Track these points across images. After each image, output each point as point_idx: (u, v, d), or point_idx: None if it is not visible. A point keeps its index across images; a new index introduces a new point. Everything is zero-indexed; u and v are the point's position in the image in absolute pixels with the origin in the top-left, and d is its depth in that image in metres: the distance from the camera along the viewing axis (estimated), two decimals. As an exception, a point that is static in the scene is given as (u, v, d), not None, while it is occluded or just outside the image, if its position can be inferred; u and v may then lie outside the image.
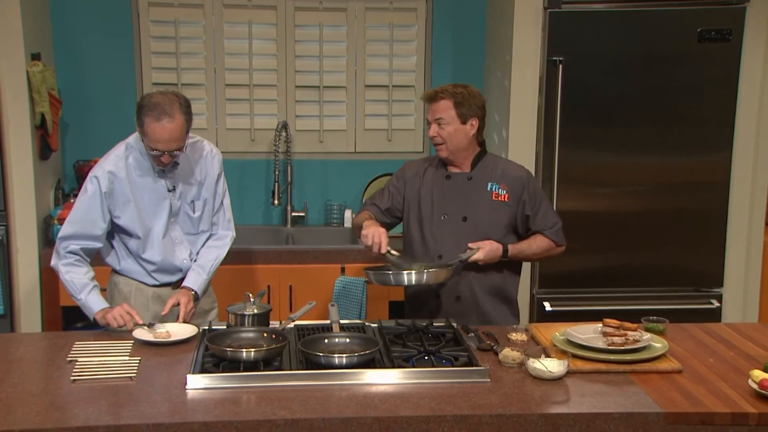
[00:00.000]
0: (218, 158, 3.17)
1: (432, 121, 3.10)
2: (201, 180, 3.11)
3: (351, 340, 2.70)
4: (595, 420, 2.24)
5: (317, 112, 4.71)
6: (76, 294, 2.95)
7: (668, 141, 4.11)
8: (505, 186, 3.13)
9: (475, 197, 3.13)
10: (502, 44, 4.33)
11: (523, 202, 3.14)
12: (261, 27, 4.60)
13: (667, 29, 4.03)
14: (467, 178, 3.16)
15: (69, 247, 2.98)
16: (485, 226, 3.11)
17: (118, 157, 3.01)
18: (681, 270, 4.22)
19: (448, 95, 3.07)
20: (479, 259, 3.03)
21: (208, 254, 3.16)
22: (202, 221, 3.14)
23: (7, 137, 3.90)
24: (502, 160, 3.28)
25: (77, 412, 2.20)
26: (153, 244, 3.04)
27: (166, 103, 2.82)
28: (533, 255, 3.20)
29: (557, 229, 3.20)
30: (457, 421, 2.23)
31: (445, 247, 3.10)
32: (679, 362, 2.57)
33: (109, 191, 2.96)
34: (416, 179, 3.22)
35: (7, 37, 3.84)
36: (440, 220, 3.14)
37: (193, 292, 3.05)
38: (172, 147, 2.86)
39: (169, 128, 2.81)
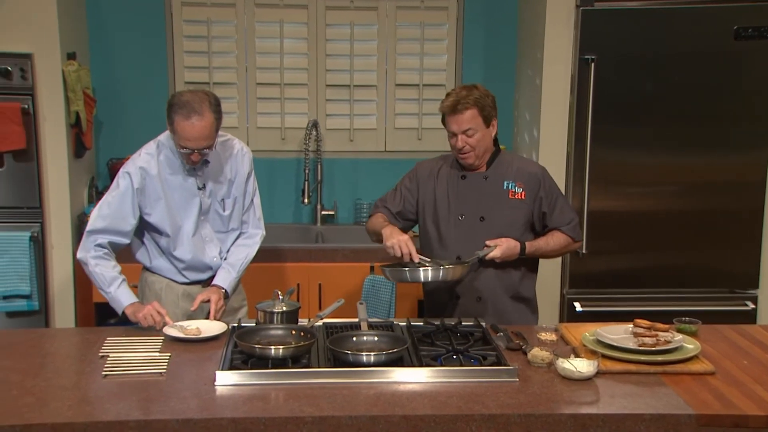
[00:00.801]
0: (248, 157, 3.18)
1: (459, 133, 3.02)
2: (231, 178, 3.12)
3: (379, 338, 2.70)
4: (625, 421, 2.22)
5: (348, 111, 4.72)
6: (105, 287, 2.97)
7: (702, 140, 4.06)
8: (521, 184, 3.10)
9: (491, 197, 3.10)
10: (533, 43, 4.30)
11: (539, 200, 3.11)
12: (292, 26, 4.62)
13: (703, 27, 3.98)
14: (483, 177, 3.12)
15: (97, 240, 2.99)
16: (503, 225, 3.08)
17: (150, 155, 3.03)
18: (715, 271, 4.17)
19: (471, 104, 2.99)
20: (496, 256, 3.00)
21: (238, 253, 3.17)
22: (232, 219, 3.16)
23: (43, 135, 3.96)
24: (516, 157, 3.26)
25: (108, 407, 2.22)
26: (183, 241, 3.07)
27: (196, 102, 2.83)
28: (550, 252, 3.16)
29: (574, 224, 3.16)
30: (485, 421, 2.21)
31: (463, 248, 3.06)
32: (711, 364, 2.53)
33: (140, 187, 2.99)
34: (431, 179, 3.19)
35: (43, 37, 3.90)
36: (457, 221, 3.11)
37: (223, 290, 3.07)
38: (201, 145, 2.88)
39: (199, 126, 2.83)
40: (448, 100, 3.04)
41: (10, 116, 3.80)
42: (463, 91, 3.03)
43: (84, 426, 2.12)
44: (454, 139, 3.05)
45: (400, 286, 4.09)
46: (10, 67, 3.84)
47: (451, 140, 3.07)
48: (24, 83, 3.87)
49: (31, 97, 3.89)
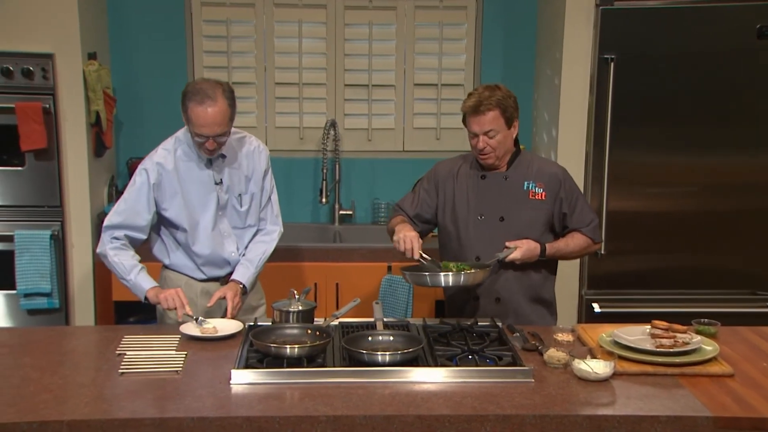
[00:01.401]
0: (265, 153, 3.20)
1: (480, 134, 3.00)
2: (248, 174, 3.14)
3: (394, 338, 2.70)
4: (641, 423, 2.20)
5: (366, 111, 4.72)
6: (125, 275, 3.00)
7: (723, 140, 4.02)
8: (541, 184, 3.08)
9: (512, 197, 3.09)
10: (552, 42, 4.28)
11: (560, 200, 3.09)
12: (311, 26, 4.63)
13: (725, 25, 3.94)
14: (503, 177, 3.11)
15: (114, 234, 3.04)
16: (523, 226, 3.06)
17: (167, 150, 3.06)
18: (736, 272, 4.13)
19: (494, 105, 2.97)
20: (516, 258, 2.98)
21: (256, 249, 3.19)
22: (250, 215, 3.17)
23: (64, 135, 4.00)
24: (536, 157, 3.25)
25: (124, 405, 2.24)
26: (201, 236, 3.08)
27: (209, 88, 2.87)
28: (570, 253, 3.14)
29: (594, 226, 3.15)
30: (500, 421, 2.21)
31: (483, 248, 3.05)
32: (730, 366, 2.51)
33: (157, 183, 3.02)
34: (450, 179, 3.17)
35: (65, 38, 3.93)
36: (477, 221, 3.10)
37: (241, 286, 3.08)
38: (216, 131, 2.89)
39: (212, 112, 2.85)
40: (470, 101, 3.01)
41: (31, 116, 3.84)
42: (486, 92, 3.00)
43: (100, 423, 2.13)
44: (475, 140, 3.03)
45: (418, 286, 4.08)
46: (32, 68, 3.88)
47: (471, 140, 3.05)
48: (45, 83, 3.91)
49: (52, 96, 3.93)
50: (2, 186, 3.96)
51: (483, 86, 3.07)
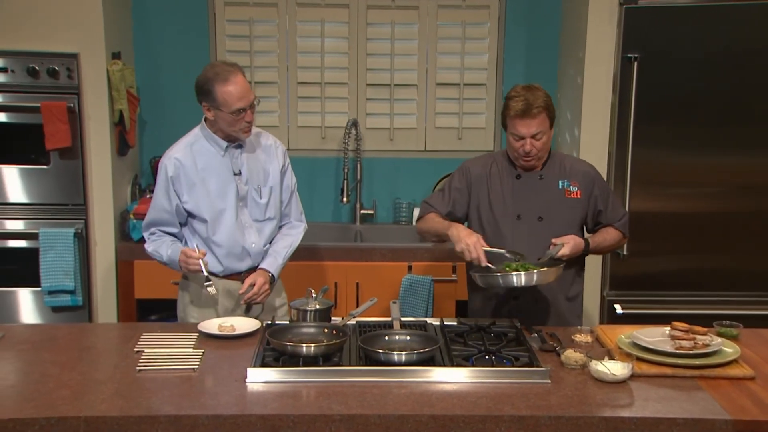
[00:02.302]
0: (282, 149, 3.27)
1: (528, 137, 2.96)
2: (267, 167, 3.18)
3: (411, 337, 2.70)
4: (658, 425, 2.18)
5: (388, 111, 4.72)
6: (162, 258, 3.10)
7: (748, 141, 3.97)
8: (575, 183, 3.08)
9: (548, 196, 3.07)
10: (575, 41, 4.25)
11: (595, 198, 3.10)
12: (333, 25, 4.63)
13: (751, 25, 3.89)
14: (538, 177, 3.10)
15: (151, 230, 3.16)
16: (561, 225, 3.05)
17: (184, 144, 3.14)
18: (760, 274, 4.07)
19: (543, 108, 2.94)
20: (565, 254, 2.94)
21: (283, 241, 3.23)
22: (269, 208, 3.20)
23: (88, 134, 4.03)
24: (566, 156, 3.24)
25: (140, 401, 2.25)
26: (222, 226, 3.11)
27: (223, 66, 3.01)
28: (607, 248, 3.16)
29: (626, 220, 3.16)
30: (515, 422, 2.19)
31: (522, 248, 2.99)
32: (751, 369, 2.47)
33: (175, 175, 3.08)
34: (483, 179, 3.14)
35: (89, 38, 3.97)
36: (515, 221, 3.08)
37: (269, 275, 3.11)
38: (251, 99, 3.00)
39: (240, 81, 2.97)
40: (516, 103, 2.95)
41: (57, 115, 3.88)
42: (529, 93, 2.96)
43: (116, 420, 2.15)
44: (521, 143, 2.98)
45: (438, 286, 4.08)
46: (57, 67, 3.92)
47: (516, 143, 3.00)
48: (70, 83, 3.95)
49: (77, 96, 3.97)
50: (27, 184, 4.01)
51: (521, 87, 3.02)
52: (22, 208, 4.03)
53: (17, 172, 4.01)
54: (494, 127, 4.73)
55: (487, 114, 4.73)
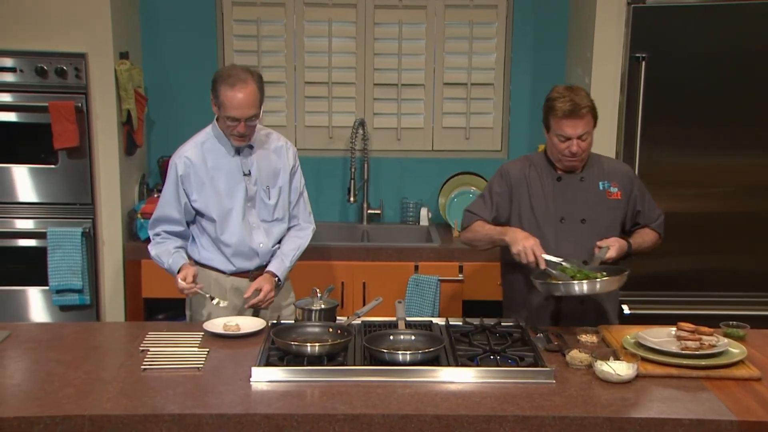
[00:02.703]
0: (293, 150, 3.26)
1: (574, 138, 2.92)
2: (276, 168, 3.19)
3: (416, 337, 2.69)
4: (663, 426, 2.17)
5: (395, 110, 4.71)
6: (164, 264, 3.11)
7: (757, 141, 3.95)
8: (615, 184, 3.06)
9: (590, 198, 3.04)
10: (583, 41, 4.24)
11: (634, 198, 3.09)
12: (341, 25, 4.63)
13: (759, 24, 3.87)
14: (579, 179, 3.06)
15: (155, 230, 3.17)
16: (604, 226, 3.02)
17: (195, 143, 3.14)
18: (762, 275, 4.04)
19: (589, 108, 2.91)
20: (612, 256, 2.91)
21: (291, 243, 3.23)
22: (278, 209, 3.20)
23: (96, 133, 4.05)
24: (602, 157, 3.17)
25: (145, 400, 2.26)
26: (230, 226, 3.12)
27: (240, 72, 2.98)
28: (646, 249, 3.12)
29: (661, 221, 3.16)
30: (519, 422, 2.19)
31: (565, 251, 2.95)
32: (758, 369, 2.46)
33: (185, 174, 3.09)
34: (522, 183, 3.09)
35: (97, 38, 3.99)
36: (558, 224, 3.04)
37: (276, 279, 3.11)
38: (247, 113, 2.95)
39: (245, 92, 2.93)
40: (563, 104, 2.91)
41: (64, 114, 3.89)
42: (573, 94, 2.92)
43: (120, 418, 2.16)
44: (568, 144, 2.94)
45: (445, 285, 4.08)
46: (65, 67, 3.94)
47: (561, 144, 2.96)
48: (78, 82, 3.96)
49: (84, 95, 3.98)
50: (36, 183, 4.03)
51: (563, 87, 3.00)
52: (30, 208, 4.05)
53: (26, 171, 4.02)
54: (501, 126, 4.73)
55: (495, 114, 4.72)
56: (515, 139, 4.72)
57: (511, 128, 4.72)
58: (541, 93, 4.60)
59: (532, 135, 4.69)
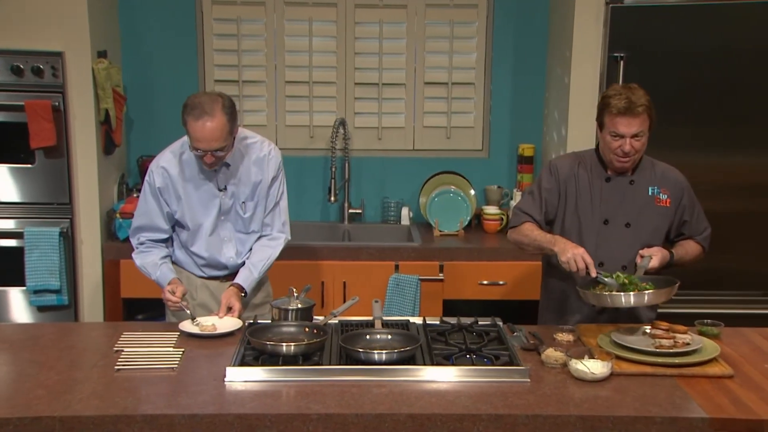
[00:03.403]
0: (275, 160, 3.15)
1: (628, 136, 2.85)
2: (255, 181, 3.11)
3: (392, 336, 2.69)
4: (635, 423, 2.18)
5: (376, 110, 4.71)
6: (151, 276, 3.08)
7: (736, 140, 3.97)
8: (666, 190, 2.99)
9: (638, 202, 2.97)
10: (562, 40, 4.25)
11: (683, 207, 3.02)
12: (321, 24, 4.62)
13: (737, 24, 3.89)
14: (629, 182, 2.98)
15: (139, 239, 3.13)
16: (649, 233, 2.96)
17: (173, 153, 3.08)
18: (749, 274, 4.07)
19: (645, 107, 2.84)
20: (654, 266, 2.85)
21: (260, 253, 3.16)
22: (254, 222, 3.15)
23: (73, 132, 4.02)
24: (657, 162, 3.09)
25: (117, 401, 2.24)
26: (200, 239, 3.11)
27: (207, 103, 2.84)
28: (688, 262, 3.04)
29: (708, 234, 3.07)
30: (492, 421, 2.19)
31: (606, 255, 2.91)
32: (731, 367, 2.48)
33: (162, 186, 3.05)
34: (571, 180, 3.02)
35: (74, 36, 3.96)
36: (601, 226, 2.97)
37: (243, 293, 3.07)
38: (212, 146, 2.87)
39: (209, 127, 2.83)
40: (619, 101, 2.84)
41: (41, 113, 3.86)
42: (630, 92, 2.86)
43: (91, 419, 2.15)
44: (620, 142, 2.87)
45: (425, 285, 4.08)
46: (41, 66, 3.91)
47: (614, 142, 2.88)
48: (55, 81, 3.93)
49: (61, 94, 3.95)
50: (13, 183, 4.00)
51: (621, 86, 2.93)
52: (7, 207, 4.02)
53: (2, 170, 3.99)
54: (482, 126, 4.73)
55: (476, 113, 4.73)
56: (496, 138, 4.73)
57: (492, 127, 4.72)
58: (521, 92, 4.66)
59: (513, 134, 4.70)
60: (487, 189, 4.64)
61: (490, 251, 4.18)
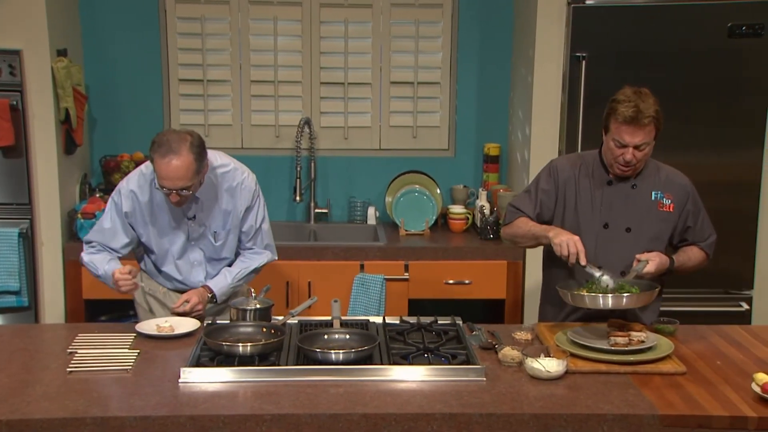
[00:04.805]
0: (249, 190, 3.09)
1: (631, 146, 2.78)
2: (228, 210, 3.05)
3: (351, 336, 2.68)
4: (588, 421, 2.19)
5: (342, 109, 4.70)
6: (98, 271, 3.00)
7: (696, 139, 4.00)
8: (669, 195, 2.93)
9: (640, 207, 2.92)
10: (526, 40, 4.27)
11: (686, 213, 2.96)
12: (286, 23, 4.60)
13: (696, 24, 3.93)
14: (631, 186, 2.92)
15: (91, 241, 3.09)
16: (650, 238, 2.91)
17: (142, 176, 3.01)
18: (709, 271, 4.02)
19: (653, 117, 2.76)
20: (650, 272, 2.78)
21: (240, 264, 3.14)
22: (225, 249, 3.12)
23: (32, 132, 3.97)
24: (663, 166, 3.02)
25: (67, 404, 2.21)
26: (168, 263, 3.09)
27: (174, 141, 2.79)
28: (690, 269, 3.00)
29: (712, 241, 3.02)
30: (446, 420, 2.19)
31: (605, 260, 2.85)
32: (684, 364, 2.49)
33: (130, 211, 3.00)
34: (571, 182, 2.97)
35: (32, 34, 3.91)
36: (600, 230, 2.92)
37: (209, 294, 3.05)
38: (177, 185, 2.82)
39: (175, 166, 2.78)
40: (626, 109, 2.77)
41: (-1, 112, 3.82)
42: (640, 100, 2.78)
43: (39, 422, 2.12)
44: (622, 151, 2.81)
45: (390, 284, 4.07)
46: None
47: (616, 149, 2.82)
48: (13, 79, 3.88)
49: (20, 93, 3.90)
50: (-29, 183, 3.95)
51: (632, 90, 2.83)
52: (-36, 207, 3.97)
53: (-40, 170, 3.95)
54: (448, 125, 4.73)
55: (442, 112, 4.73)
56: (462, 137, 4.73)
57: (458, 127, 4.73)
58: (487, 92, 4.67)
59: (479, 134, 4.71)
60: (453, 188, 4.64)
61: (456, 250, 4.19)
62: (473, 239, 4.33)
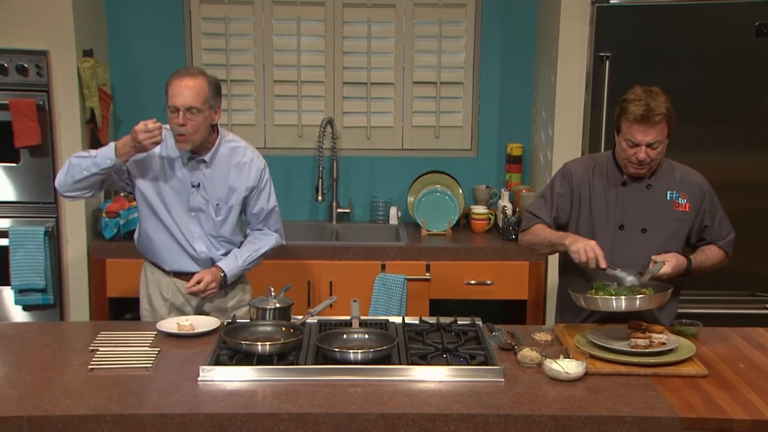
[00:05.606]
0: (257, 169, 3.11)
1: (643, 144, 2.77)
2: (234, 186, 3.08)
3: (369, 336, 2.68)
4: (606, 423, 2.17)
5: (365, 109, 4.70)
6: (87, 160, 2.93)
7: (722, 139, 3.96)
8: (685, 195, 2.90)
9: (654, 207, 2.89)
10: (549, 40, 4.24)
11: (703, 212, 2.93)
12: (309, 23, 4.62)
13: (723, 23, 3.88)
14: (646, 186, 2.90)
15: None
16: (666, 239, 2.88)
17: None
18: (735, 274, 4.00)
19: (664, 115, 2.74)
20: (667, 273, 2.74)
21: (250, 245, 3.17)
22: (224, 227, 3.11)
23: (59, 132, 4.02)
24: (678, 165, 3.01)
25: (87, 400, 2.23)
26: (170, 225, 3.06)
27: (193, 68, 3.01)
28: (709, 268, 2.95)
29: (731, 239, 2.99)
30: (464, 420, 2.18)
31: (620, 261, 2.80)
32: (705, 367, 2.47)
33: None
34: (585, 183, 2.95)
35: (58, 35, 3.95)
36: (616, 231, 2.90)
37: (221, 275, 3.06)
38: (187, 103, 2.87)
39: (189, 83, 2.89)
40: (637, 108, 2.75)
41: (25, 112, 3.86)
42: (650, 98, 2.76)
43: (60, 419, 2.14)
44: (635, 150, 2.79)
45: (411, 284, 4.07)
46: (26, 64, 3.91)
47: (629, 149, 2.81)
48: (40, 80, 3.93)
49: (46, 93, 3.95)
50: (-2, 182, 4.01)
51: (641, 90, 2.82)
52: (-8, 206, 4.03)
53: (-13, 169, 4.00)
54: (471, 125, 4.72)
55: (464, 112, 4.72)
56: (485, 137, 4.72)
57: (481, 127, 4.71)
58: (510, 92, 4.66)
59: (502, 134, 4.69)
60: (475, 188, 4.63)
61: (477, 251, 4.17)
62: (495, 240, 4.32)
